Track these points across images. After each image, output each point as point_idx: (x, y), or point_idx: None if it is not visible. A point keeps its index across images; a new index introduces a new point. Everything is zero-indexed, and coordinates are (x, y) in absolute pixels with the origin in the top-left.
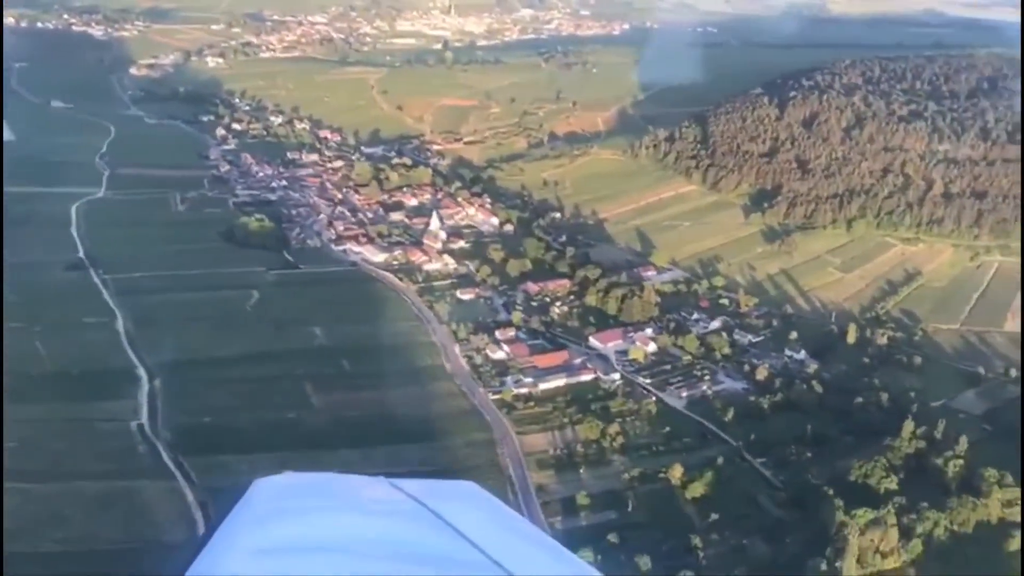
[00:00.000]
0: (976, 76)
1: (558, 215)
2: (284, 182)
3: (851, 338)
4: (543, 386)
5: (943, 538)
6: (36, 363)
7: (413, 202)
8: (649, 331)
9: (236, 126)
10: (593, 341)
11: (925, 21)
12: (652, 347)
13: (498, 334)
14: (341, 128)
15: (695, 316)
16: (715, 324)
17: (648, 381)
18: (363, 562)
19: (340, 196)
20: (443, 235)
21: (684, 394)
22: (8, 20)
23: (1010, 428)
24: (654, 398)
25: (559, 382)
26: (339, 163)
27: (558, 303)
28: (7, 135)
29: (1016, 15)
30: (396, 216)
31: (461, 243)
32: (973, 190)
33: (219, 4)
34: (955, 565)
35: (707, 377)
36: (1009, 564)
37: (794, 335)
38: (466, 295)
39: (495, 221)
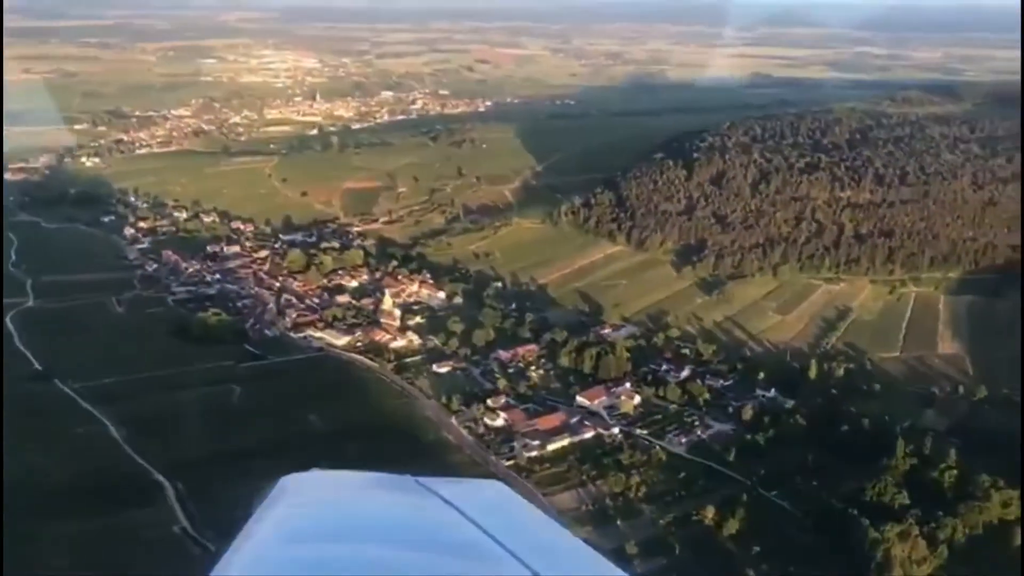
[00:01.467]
0: (847, 128)
1: (499, 284)
2: (217, 275)
3: (812, 373)
4: (551, 447)
5: (962, 541)
6: (47, 477)
7: (353, 284)
8: (628, 386)
9: (142, 224)
10: (580, 399)
11: (757, 83)
12: (637, 400)
13: (490, 402)
14: (252, 218)
15: (664, 367)
16: (685, 373)
17: (645, 432)
18: (389, 552)
19: (279, 284)
20: (397, 313)
21: (683, 440)
22: None
23: (973, 439)
24: (657, 447)
25: (564, 442)
26: (263, 252)
27: (532, 367)
28: None
29: (828, 72)
30: (342, 299)
31: (417, 319)
32: (880, 230)
33: (71, 104)
34: (979, 564)
35: (697, 423)
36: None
37: (761, 376)
38: (442, 368)
39: (442, 295)
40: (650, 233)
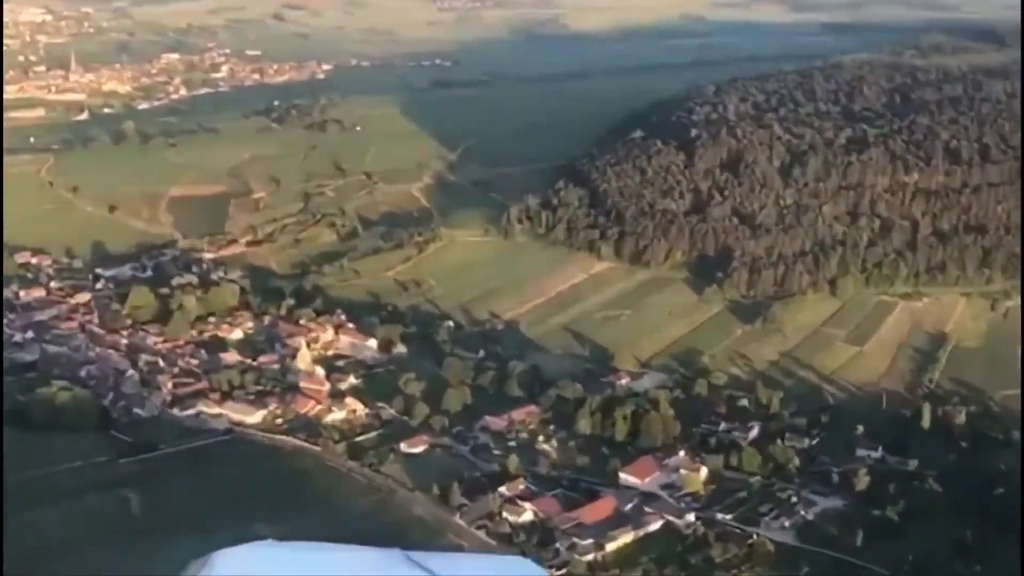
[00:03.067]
0: (879, 89)
1: (451, 324)
2: (30, 334)
3: (925, 423)
4: (611, 546)
5: None
6: None
7: (237, 335)
8: (683, 454)
9: None
10: (625, 477)
11: (692, 30)
12: (704, 473)
13: (504, 490)
14: (43, 247)
15: (723, 426)
16: (754, 432)
17: (730, 517)
18: None
19: (126, 341)
20: (320, 372)
21: (785, 524)
22: None
23: None
24: (755, 536)
25: (627, 537)
26: (83, 296)
27: (541, 437)
28: None
29: (789, 15)
30: (229, 357)
31: (350, 379)
32: (967, 225)
33: None
34: None
35: (795, 499)
36: None
37: (859, 430)
38: (414, 448)
39: (373, 344)
40: (649, 242)
